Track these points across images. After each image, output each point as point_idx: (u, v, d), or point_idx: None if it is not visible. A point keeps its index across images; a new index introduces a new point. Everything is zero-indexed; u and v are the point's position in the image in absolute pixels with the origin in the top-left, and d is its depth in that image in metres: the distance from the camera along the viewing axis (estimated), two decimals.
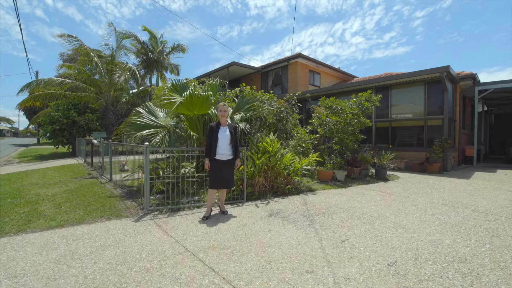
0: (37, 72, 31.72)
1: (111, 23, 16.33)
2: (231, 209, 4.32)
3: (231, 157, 3.99)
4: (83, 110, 15.08)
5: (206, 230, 3.42)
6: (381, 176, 6.94)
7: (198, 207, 4.49)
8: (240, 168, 4.90)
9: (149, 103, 6.47)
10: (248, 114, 6.24)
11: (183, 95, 5.04)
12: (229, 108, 5.33)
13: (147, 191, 4.23)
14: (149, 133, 5.31)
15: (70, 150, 15.93)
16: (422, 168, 8.43)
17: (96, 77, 15.34)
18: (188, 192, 5.12)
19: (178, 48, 20.45)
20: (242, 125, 5.96)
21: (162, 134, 5.53)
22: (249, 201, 4.80)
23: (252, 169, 4.99)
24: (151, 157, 6.46)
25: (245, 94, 6.52)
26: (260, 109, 6.39)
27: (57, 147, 15.53)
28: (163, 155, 6.82)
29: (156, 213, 4.25)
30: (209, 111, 5.47)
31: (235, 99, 6.72)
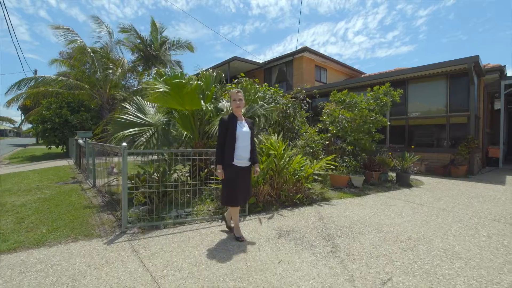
0: (35, 71, 31.09)
1: (107, 25, 15.58)
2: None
3: (249, 163, 3.05)
4: (77, 109, 14.31)
5: (195, 260, 2.57)
6: (403, 182, 6.05)
7: (190, 222, 3.65)
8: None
9: (138, 97, 5.65)
10: (248, 113, 5.39)
11: (166, 83, 4.21)
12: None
13: (124, 204, 3.39)
14: (132, 132, 4.46)
15: (65, 150, 15.18)
16: (445, 171, 7.52)
17: (96, 76, 14.56)
18: (179, 202, 4.27)
19: (181, 44, 19.45)
20: None
21: (149, 133, 4.70)
22: (252, 215, 3.95)
23: (255, 175, 4.13)
24: (141, 159, 5.63)
25: (244, 85, 5.66)
26: (253, 103, 5.47)
27: (49, 148, 14.78)
28: (156, 157, 6.02)
29: (136, 230, 3.41)
30: (203, 107, 4.62)
31: None
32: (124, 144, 3.45)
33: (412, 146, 8.21)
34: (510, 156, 14.37)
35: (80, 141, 7.25)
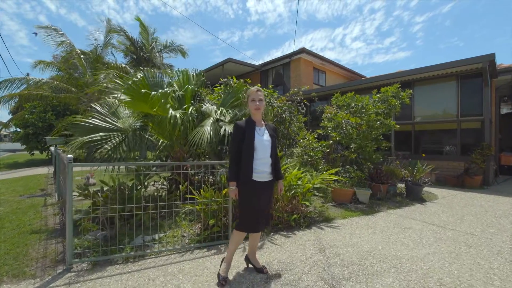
0: (27, 74, 30.37)
1: (109, 19, 14.91)
2: (204, 261, 2.70)
3: (271, 177, 2.41)
4: (63, 113, 13.56)
5: None
6: (415, 196, 5.30)
7: (156, 254, 2.88)
8: (224, 192, 3.30)
9: (110, 97, 4.90)
10: (239, 113, 4.66)
11: (125, 93, 3.52)
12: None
13: (69, 233, 2.63)
14: (94, 138, 3.71)
15: (49, 156, 14.38)
16: (458, 181, 6.79)
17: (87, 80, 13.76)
18: (148, 226, 3.49)
19: (174, 47, 18.83)
20: (230, 128, 4.32)
21: (117, 139, 3.94)
22: None
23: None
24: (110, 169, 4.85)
25: (233, 87, 4.94)
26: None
27: (32, 154, 13.96)
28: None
29: (84, 266, 2.65)
30: (172, 113, 3.88)
31: (222, 95, 5.16)
32: (69, 156, 2.70)
33: (423, 154, 7.47)
34: None
35: (52, 148, 6.48)
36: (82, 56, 13.66)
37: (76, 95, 14.14)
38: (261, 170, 2.32)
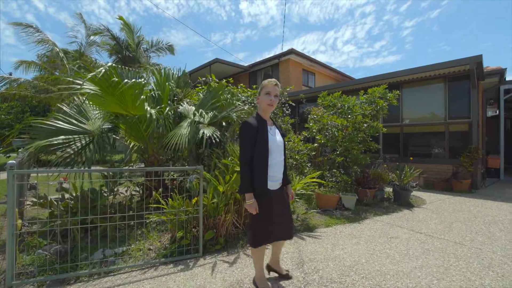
0: (10, 74, 29.31)
1: (80, 13, 14.40)
2: (167, 280, 2.39)
3: (281, 183, 2.16)
4: (42, 114, 13.00)
5: None
6: (403, 200, 5.12)
7: (116, 271, 2.55)
8: (194, 200, 3.00)
9: (80, 97, 4.55)
10: (219, 115, 4.37)
11: (93, 82, 3.20)
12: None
13: (9, 251, 2.30)
14: (54, 142, 3.36)
15: None
16: (447, 185, 6.67)
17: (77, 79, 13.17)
18: (112, 237, 3.15)
19: (161, 46, 18.41)
20: (209, 131, 4.00)
21: (82, 143, 3.60)
22: (208, 256, 2.89)
23: (214, 201, 3.09)
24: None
25: (213, 86, 4.64)
26: (230, 109, 4.44)
27: (8, 156, 13.30)
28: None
29: None
30: (147, 112, 3.55)
31: (202, 95, 4.86)
32: (11, 162, 2.37)
33: (411, 158, 7.33)
34: (508, 166, 13.80)
35: (20, 151, 6.01)
36: (61, 55, 13.16)
37: (58, 96, 13.59)
38: (276, 176, 2.05)
